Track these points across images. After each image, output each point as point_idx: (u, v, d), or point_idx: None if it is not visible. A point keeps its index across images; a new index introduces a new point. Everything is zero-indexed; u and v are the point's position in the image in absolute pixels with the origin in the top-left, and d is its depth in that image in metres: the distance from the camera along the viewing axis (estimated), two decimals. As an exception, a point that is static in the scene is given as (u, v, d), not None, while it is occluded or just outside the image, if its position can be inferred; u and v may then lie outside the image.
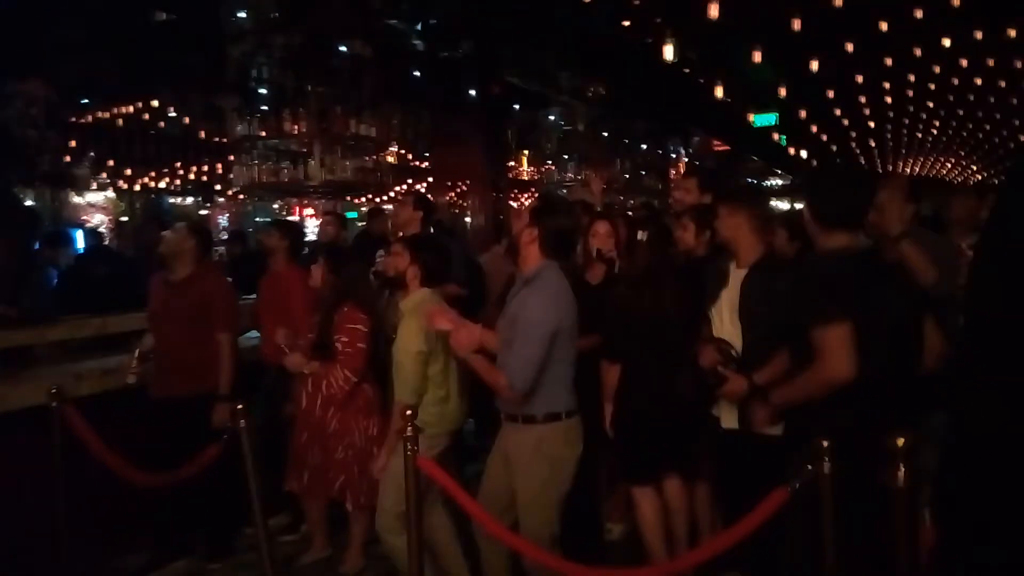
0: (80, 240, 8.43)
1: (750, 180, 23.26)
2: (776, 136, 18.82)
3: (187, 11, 8.09)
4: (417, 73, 10.49)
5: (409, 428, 2.37)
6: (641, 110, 16.78)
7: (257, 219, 12.20)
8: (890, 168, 24.83)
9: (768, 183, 26.24)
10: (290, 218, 11.61)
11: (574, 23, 10.88)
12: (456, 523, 3.12)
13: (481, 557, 2.88)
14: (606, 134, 17.45)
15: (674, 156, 21.35)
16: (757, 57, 9.16)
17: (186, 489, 3.36)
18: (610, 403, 3.20)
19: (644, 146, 19.77)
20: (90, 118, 8.99)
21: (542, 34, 11.20)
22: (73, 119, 8.63)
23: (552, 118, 15.95)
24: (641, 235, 3.13)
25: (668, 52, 8.43)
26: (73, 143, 8.54)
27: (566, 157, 17.48)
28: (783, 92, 11.95)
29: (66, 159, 8.32)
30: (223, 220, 12.15)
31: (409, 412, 2.44)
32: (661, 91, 13.98)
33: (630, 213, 5.07)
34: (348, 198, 11.72)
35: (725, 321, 2.88)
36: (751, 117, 16.28)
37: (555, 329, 2.53)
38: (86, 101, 8.70)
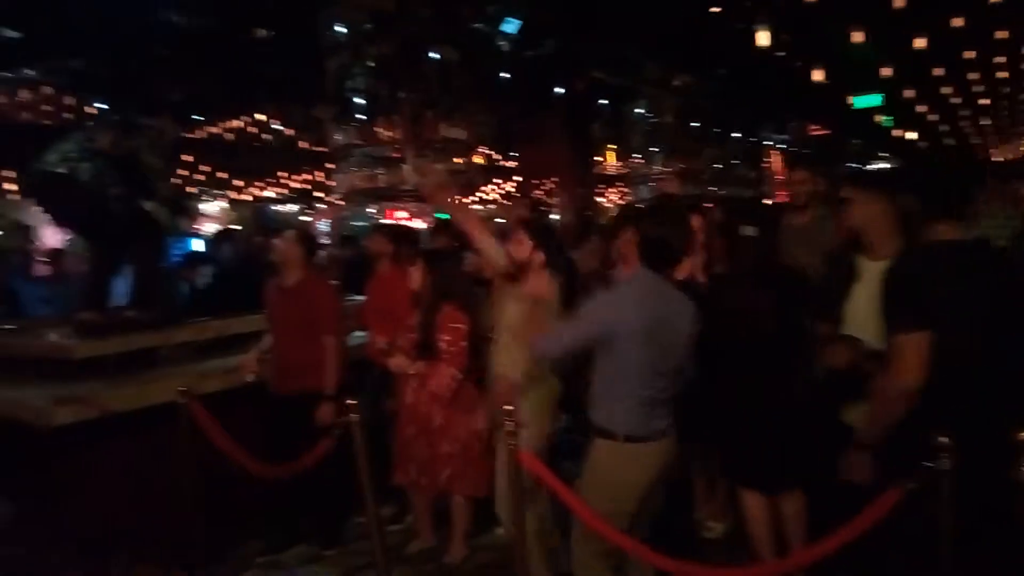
0: (197, 247, 9.08)
1: (851, 164, 22.16)
2: (880, 118, 17.84)
3: (286, 27, 8.54)
4: (504, 74, 10.60)
5: (510, 423, 2.43)
6: (732, 97, 16.31)
7: (354, 223, 12.68)
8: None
9: (872, 166, 24.94)
10: (385, 221, 12.03)
11: (661, 13, 10.72)
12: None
13: (573, 558, 2.82)
14: (696, 124, 17.07)
15: (769, 143, 20.62)
16: (858, 37, 8.73)
17: (302, 480, 3.59)
18: None
19: (737, 134, 19.21)
20: (204, 134, 9.67)
21: (628, 26, 11.09)
22: (185, 134, 9.31)
23: (639, 111, 15.74)
24: (747, 230, 3.02)
25: (762, 37, 8.16)
26: (189, 158, 9.21)
27: (654, 150, 17.23)
28: (887, 72, 11.33)
29: (184, 173, 8.99)
30: (323, 225, 12.66)
31: (511, 407, 2.50)
32: (754, 77, 13.54)
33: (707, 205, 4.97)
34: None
35: (859, 319, 2.60)
36: (851, 99, 15.51)
37: (606, 329, 2.49)
38: (198, 118, 9.37)
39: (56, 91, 8.51)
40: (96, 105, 7.68)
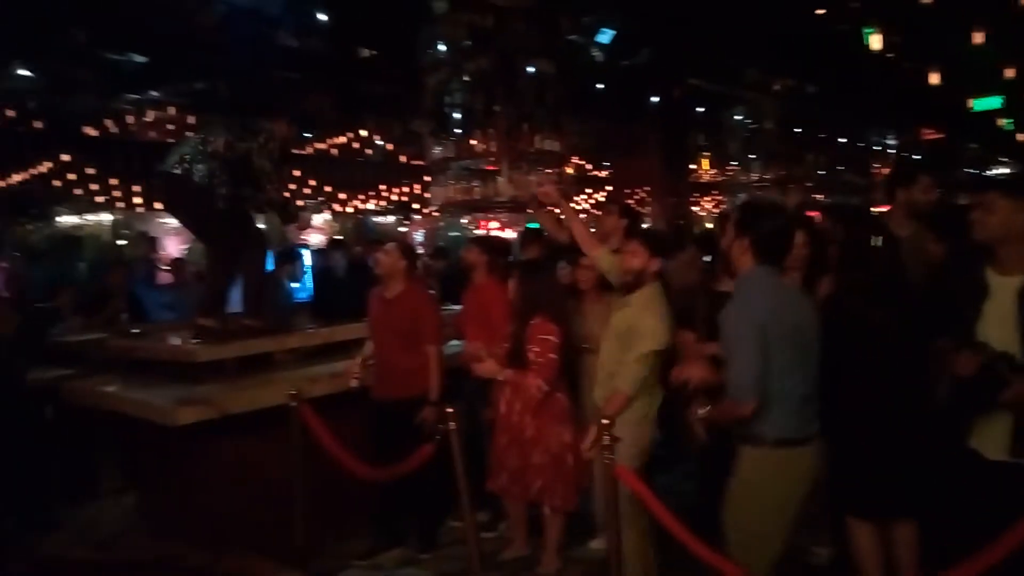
0: (308, 258, 9.59)
1: (970, 170, 20.73)
2: (1001, 121, 16.63)
3: (388, 47, 8.90)
4: (598, 84, 10.61)
5: (606, 437, 2.44)
6: (838, 101, 15.63)
7: (450, 233, 12.98)
8: None
9: (991, 172, 23.24)
10: (479, 232, 12.25)
11: (761, 16, 10.44)
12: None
13: None
14: (798, 129, 16.43)
15: (878, 148, 19.58)
16: (978, 38, 8.19)
17: (401, 484, 3.72)
18: None
19: (842, 139, 18.36)
20: (311, 149, 10.20)
21: (726, 32, 10.86)
22: (295, 151, 9.85)
23: (737, 117, 15.33)
24: (875, 240, 2.89)
25: (872, 39, 7.79)
26: (297, 173, 9.73)
27: (752, 157, 16.69)
28: (1010, 73, 10.57)
29: (292, 187, 9.53)
30: (419, 236, 13.02)
31: (606, 421, 2.51)
32: (861, 80, 12.94)
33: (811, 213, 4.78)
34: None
35: (992, 339, 2.42)
36: (970, 102, 14.54)
37: (758, 334, 2.39)
38: (307, 135, 9.92)
39: (179, 111, 9.18)
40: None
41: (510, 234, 10.08)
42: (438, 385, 3.89)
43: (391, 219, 12.05)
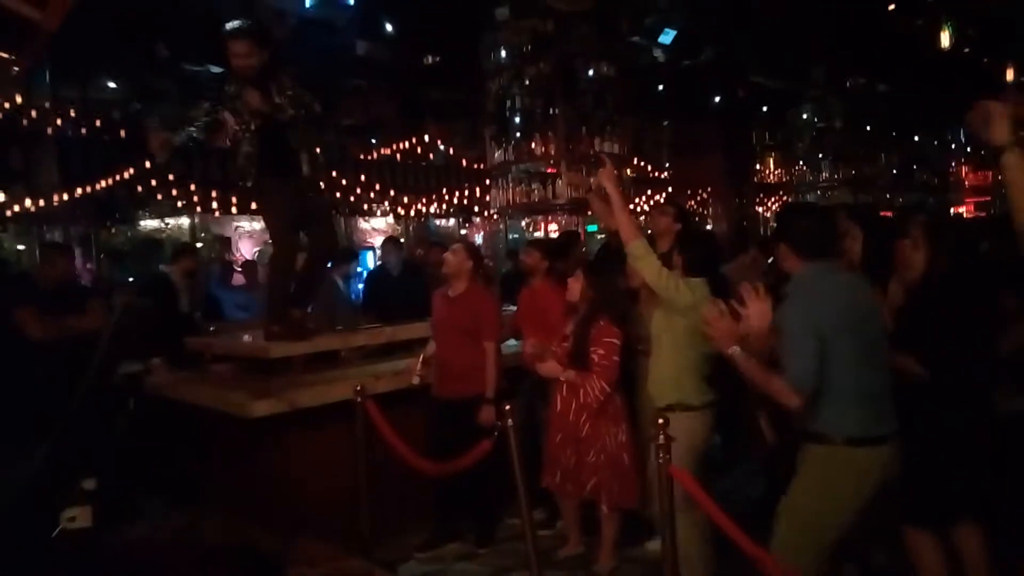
0: (370, 260, 9.87)
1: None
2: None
3: (451, 53, 9.08)
4: (660, 86, 10.54)
5: (662, 436, 2.47)
6: (911, 99, 15.05)
7: (511, 236, 13.10)
8: None
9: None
10: (538, 234, 12.34)
11: (827, 13, 10.18)
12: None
13: None
14: (869, 128, 15.90)
15: (953, 147, 18.76)
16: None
17: (461, 480, 3.83)
18: None
19: (917, 138, 17.66)
20: (375, 155, 10.49)
21: (791, 29, 10.62)
22: (363, 156, 10.16)
23: (805, 116, 14.93)
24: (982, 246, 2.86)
25: (946, 35, 7.51)
26: (363, 177, 10.01)
27: (820, 156, 16.23)
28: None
29: (357, 191, 9.81)
30: (479, 238, 13.17)
31: (662, 420, 2.53)
32: (935, 76, 12.44)
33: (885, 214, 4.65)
34: (590, 213, 12.13)
35: None
36: (1053, 96, 13.75)
37: (815, 332, 2.35)
38: (373, 140, 10.20)
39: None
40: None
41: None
42: (496, 382, 3.98)
43: (451, 222, 12.24)
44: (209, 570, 2.66)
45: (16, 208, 7.68)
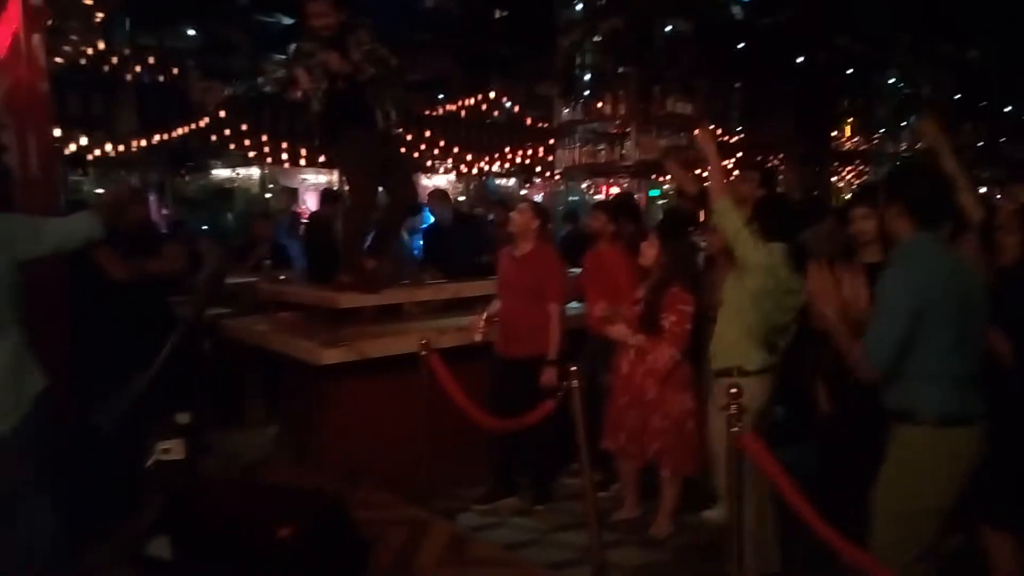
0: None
1: None
2: None
3: (521, 8, 8.90)
4: (737, 44, 10.13)
5: (733, 406, 2.41)
6: (1002, 68, 14.11)
7: (570, 198, 12.98)
8: None
9: None
10: (599, 197, 12.19)
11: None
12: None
13: None
14: (957, 97, 15.01)
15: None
16: None
17: (521, 437, 3.85)
18: None
19: (1007, 109, 16.60)
20: (441, 111, 10.46)
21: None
22: (427, 112, 10.13)
23: (890, 81, 14.17)
24: None
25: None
26: (428, 133, 10.01)
27: (903, 125, 15.46)
28: None
29: (421, 147, 9.83)
30: (538, 198, 13.11)
31: (734, 390, 2.47)
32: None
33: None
34: (653, 176, 11.90)
35: None
36: None
37: (915, 307, 2.24)
38: (441, 96, 10.16)
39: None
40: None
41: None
42: (558, 343, 3.96)
43: (511, 182, 12.17)
44: (275, 509, 2.76)
45: (97, 152, 7.97)
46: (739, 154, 13.65)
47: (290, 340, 4.09)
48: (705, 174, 3.18)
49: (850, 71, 13.59)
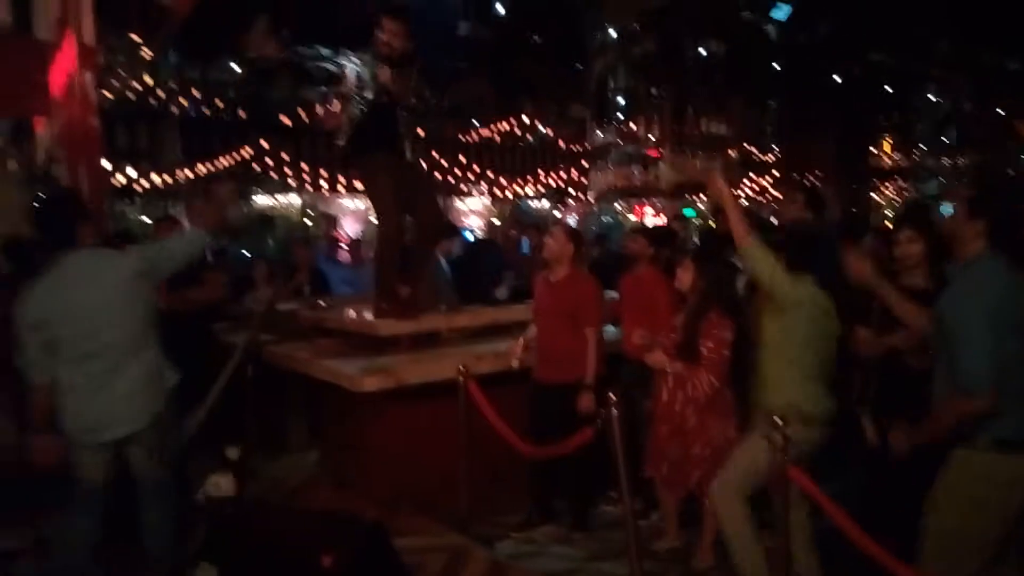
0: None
1: None
2: None
3: (554, 33, 8.99)
4: (773, 64, 10.07)
5: (779, 437, 2.37)
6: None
7: (603, 219, 12.97)
8: None
9: None
10: (632, 218, 12.16)
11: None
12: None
13: None
14: (999, 111, 14.66)
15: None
16: None
17: (559, 463, 3.83)
18: None
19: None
20: (475, 136, 10.58)
21: (918, 3, 9.89)
22: (461, 137, 10.26)
23: (929, 97, 13.93)
24: None
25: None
26: (462, 158, 10.13)
27: (945, 140, 15.16)
28: None
29: (455, 171, 9.95)
30: (572, 221, 13.12)
31: (780, 420, 2.43)
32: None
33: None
34: (688, 196, 11.82)
35: None
36: None
37: (990, 319, 2.20)
38: (475, 122, 10.28)
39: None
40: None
41: (664, 220, 9.90)
42: (595, 369, 3.94)
43: (545, 204, 12.21)
44: (318, 537, 2.79)
45: (143, 183, 8.23)
46: (776, 173, 13.51)
47: (331, 367, 4.14)
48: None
49: (888, 87, 13.39)
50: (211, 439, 3.34)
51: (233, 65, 9.44)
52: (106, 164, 6.20)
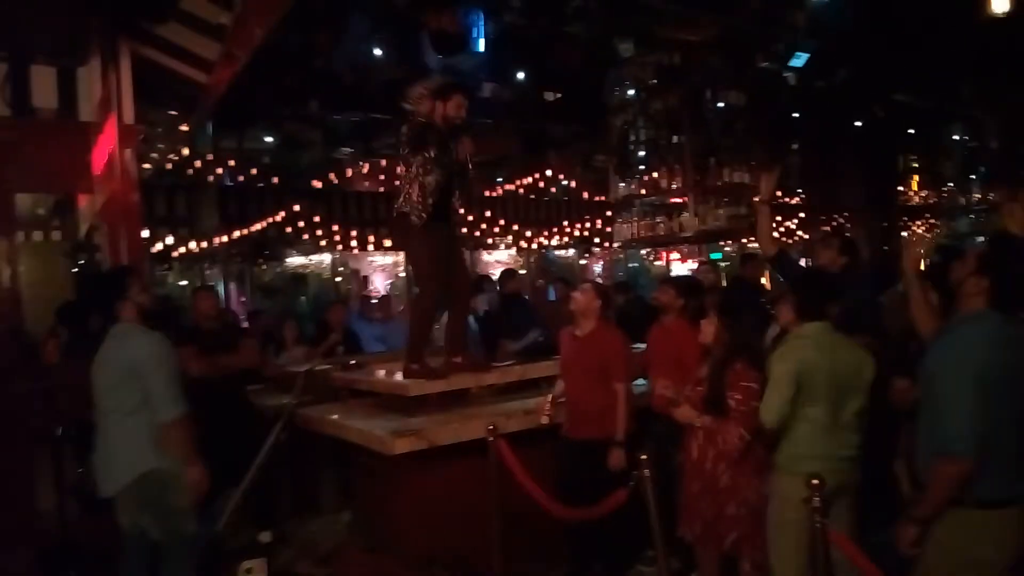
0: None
1: None
2: None
3: (574, 90, 9.21)
4: (793, 113, 10.14)
5: (816, 498, 2.33)
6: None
7: (629, 264, 12.98)
8: None
9: None
10: (659, 263, 12.16)
11: (971, 25, 9.44)
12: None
13: None
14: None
15: None
16: None
17: (592, 523, 3.77)
18: None
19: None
20: (499, 190, 10.77)
21: (936, 43, 9.93)
22: (487, 193, 10.46)
23: (954, 137, 13.86)
24: None
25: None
26: (488, 213, 10.29)
27: (971, 177, 15.02)
28: None
29: (482, 226, 10.10)
30: (598, 268, 13.15)
31: (816, 481, 2.38)
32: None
33: None
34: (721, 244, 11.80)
35: None
36: None
37: (977, 380, 2.18)
38: (500, 179, 10.50)
39: (388, 161, 10.14)
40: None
41: (690, 266, 9.90)
42: (626, 424, 3.92)
43: (571, 252, 12.29)
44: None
45: (182, 249, 8.50)
46: (802, 215, 13.45)
47: (363, 430, 4.18)
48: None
49: (911, 128, 13.36)
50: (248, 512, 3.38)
51: (268, 138, 9.82)
52: (145, 232, 6.44)
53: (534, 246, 11.28)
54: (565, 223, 11.29)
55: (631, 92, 7.21)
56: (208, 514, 3.39)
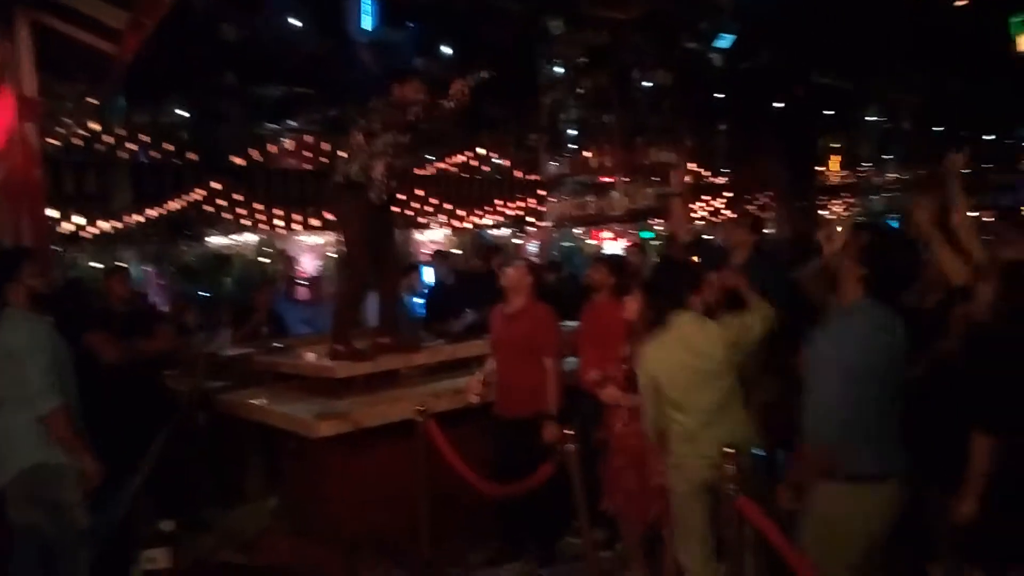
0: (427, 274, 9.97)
1: None
2: None
3: (505, 68, 9.14)
4: (717, 93, 10.36)
5: (729, 467, 2.40)
6: (983, 96, 14.40)
7: (563, 244, 13.08)
8: None
9: None
10: (591, 242, 12.29)
11: (891, 10, 9.84)
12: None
13: None
14: (938, 128, 15.28)
15: (1030, 144, 17.86)
16: None
17: (521, 499, 3.80)
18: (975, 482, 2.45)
19: (990, 136, 16.88)
20: (433, 170, 10.64)
21: (854, 26, 10.29)
22: (419, 171, 10.31)
23: (870, 118, 14.46)
24: None
25: (1021, 40, 7.16)
26: (421, 192, 10.16)
27: (887, 157, 15.72)
28: None
29: (415, 205, 9.97)
30: (532, 247, 13.21)
31: (730, 450, 2.46)
32: (1012, 71, 11.87)
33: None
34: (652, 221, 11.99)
35: None
36: None
37: (848, 371, 2.33)
38: (432, 158, 10.36)
39: (314, 138, 9.86)
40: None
41: (623, 244, 10.02)
42: (557, 399, 3.95)
43: (506, 232, 12.29)
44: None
45: (92, 230, 8.07)
46: (728, 194, 13.82)
47: (287, 414, 4.08)
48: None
49: (831, 110, 13.86)
50: (159, 501, 3.25)
51: (182, 112, 9.37)
52: (52, 212, 6.07)
53: (467, 225, 11.21)
54: (498, 202, 11.26)
55: (560, 70, 7.20)
56: (115, 503, 3.25)
